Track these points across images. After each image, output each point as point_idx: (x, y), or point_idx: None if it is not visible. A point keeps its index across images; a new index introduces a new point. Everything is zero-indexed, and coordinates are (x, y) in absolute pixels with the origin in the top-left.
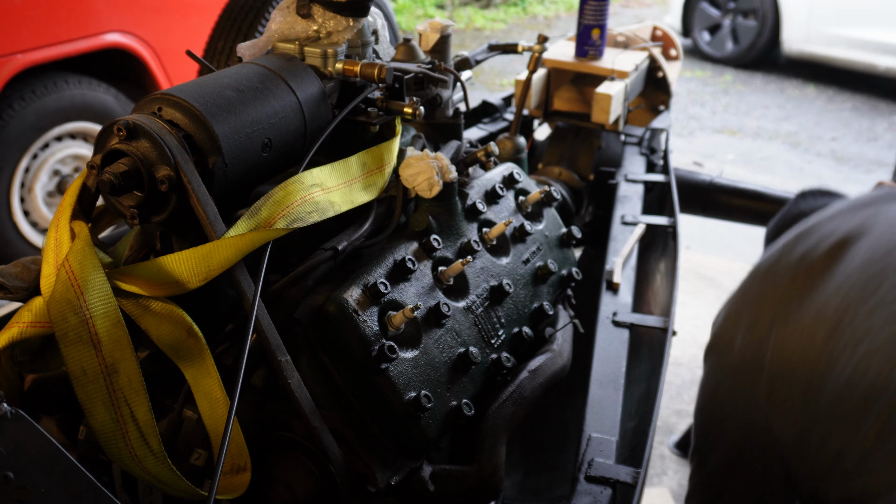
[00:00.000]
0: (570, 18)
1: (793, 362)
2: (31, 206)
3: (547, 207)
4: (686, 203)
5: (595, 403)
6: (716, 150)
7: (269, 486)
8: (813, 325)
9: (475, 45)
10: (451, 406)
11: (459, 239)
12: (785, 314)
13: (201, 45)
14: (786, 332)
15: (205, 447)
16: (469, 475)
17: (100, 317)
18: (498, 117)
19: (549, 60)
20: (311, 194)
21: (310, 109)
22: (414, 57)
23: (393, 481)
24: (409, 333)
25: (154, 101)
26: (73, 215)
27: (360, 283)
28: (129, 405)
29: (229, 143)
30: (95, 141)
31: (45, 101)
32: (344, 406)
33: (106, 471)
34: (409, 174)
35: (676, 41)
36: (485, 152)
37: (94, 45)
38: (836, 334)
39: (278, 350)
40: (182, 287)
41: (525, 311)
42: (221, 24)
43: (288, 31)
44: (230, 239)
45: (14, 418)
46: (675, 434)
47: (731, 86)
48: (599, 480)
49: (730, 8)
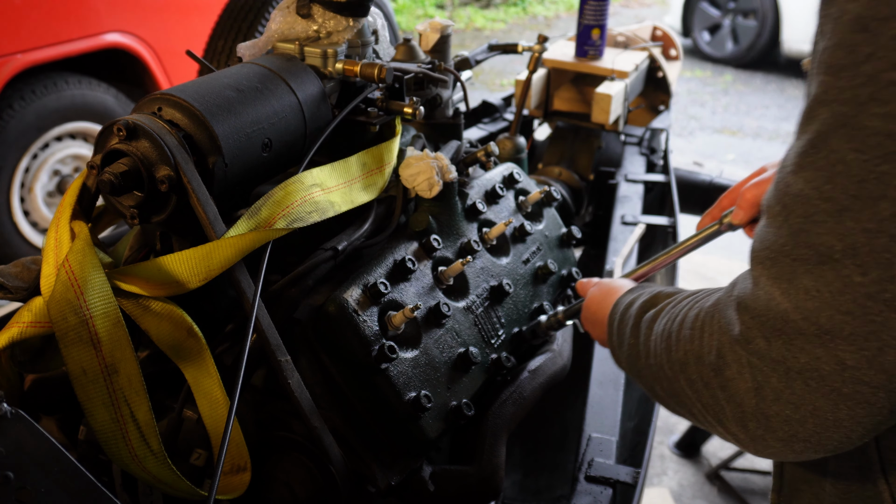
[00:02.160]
0: (570, 18)
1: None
2: (31, 206)
3: (547, 207)
4: (686, 203)
5: (595, 403)
6: (716, 150)
7: (269, 486)
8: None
9: (475, 45)
10: (451, 406)
11: (459, 239)
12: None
13: (201, 45)
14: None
15: (205, 447)
16: (469, 475)
17: (100, 317)
18: (498, 117)
19: (549, 60)
20: (311, 194)
21: (310, 109)
22: (414, 57)
23: (393, 481)
24: (409, 333)
25: (154, 101)
26: (73, 215)
27: (360, 283)
28: (129, 405)
29: (229, 143)
30: (95, 141)
31: (45, 101)
32: (344, 406)
33: (106, 471)
34: (409, 174)
35: (676, 41)
36: (485, 152)
37: (94, 45)
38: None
39: (278, 350)
40: (182, 287)
41: (525, 311)
42: (221, 24)
43: (288, 31)
44: (230, 239)
45: (14, 418)
46: (675, 434)
47: (731, 86)
48: (599, 480)
49: (730, 8)
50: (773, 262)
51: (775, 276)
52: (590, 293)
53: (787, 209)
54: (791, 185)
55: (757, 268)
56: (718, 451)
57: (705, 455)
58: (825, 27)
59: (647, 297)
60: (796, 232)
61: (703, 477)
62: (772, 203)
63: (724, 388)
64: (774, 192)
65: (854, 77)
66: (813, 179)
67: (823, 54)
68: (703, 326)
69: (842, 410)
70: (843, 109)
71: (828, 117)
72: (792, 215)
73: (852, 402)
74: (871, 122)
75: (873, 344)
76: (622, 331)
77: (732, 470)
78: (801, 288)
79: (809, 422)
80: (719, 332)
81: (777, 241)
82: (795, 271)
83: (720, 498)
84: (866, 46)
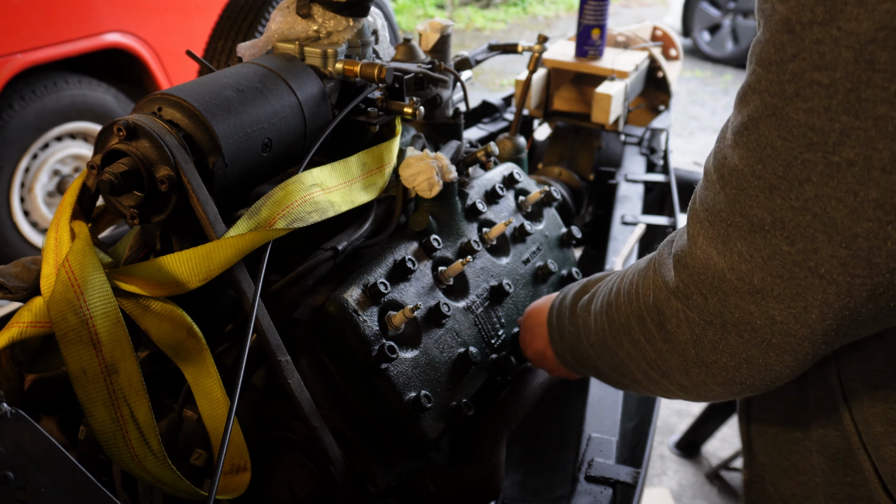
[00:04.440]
0: (570, 18)
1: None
2: (31, 206)
3: (547, 207)
4: (686, 203)
5: (595, 403)
6: None
7: (268, 486)
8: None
9: (475, 45)
10: (451, 406)
11: (459, 239)
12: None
13: (201, 45)
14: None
15: (205, 447)
16: (469, 475)
17: (100, 317)
18: (498, 117)
19: (549, 60)
20: (311, 194)
21: (310, 109)
22: (414, 57)
23: (393, 481)
24: (409, 333)
25: (154, 101)
26: (73, 215)
27: (360, 283)
28: (129, 405)
29: (229, 143)
30: (95, 141)
31: (45, 101)
32: (344, 406)
33: (106, 471)
34: (409, 174)
35: (676, 41)
36: (485, 152)
37: (94, 45)
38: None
39: (278, 350)
40: (182, 287)
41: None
42: (221, 24)
43: (288, 31)
44: (230, 239)
45: (14, 418)
46: (675, 434)
47: (731, 86)
48: (599, 480)
49: (730, 8)
50: (710, 223)
51: (711, 237)
52: (527, 310)
53: (724, 179)
54: (728, 158)
55: (695, 226)
56: (718, 451)
57: (705, 455)
58: (759, 21)
59: (578, 287)
60: (732, 201)
61: (703, 477)
62: (710, 169)
63: (667, 341)
64: (714, 160)
65: (781, 73)
66: (746, 157)
67: (756, 46)
68: (637, 288)
69: (772, 357)
70: (772, 101)
71: (759, 105)
72: (728, 186)
73: (781, 351)
74: (797, 115)
75: (799, 304)
76: (561, 323)
77: (732, 470)
78: (736, 251)
79: (744, 367)
80: (655, 288)
81: (714, 206)
82: (730, 235)
83: (720, 498)
84: (791, 47)
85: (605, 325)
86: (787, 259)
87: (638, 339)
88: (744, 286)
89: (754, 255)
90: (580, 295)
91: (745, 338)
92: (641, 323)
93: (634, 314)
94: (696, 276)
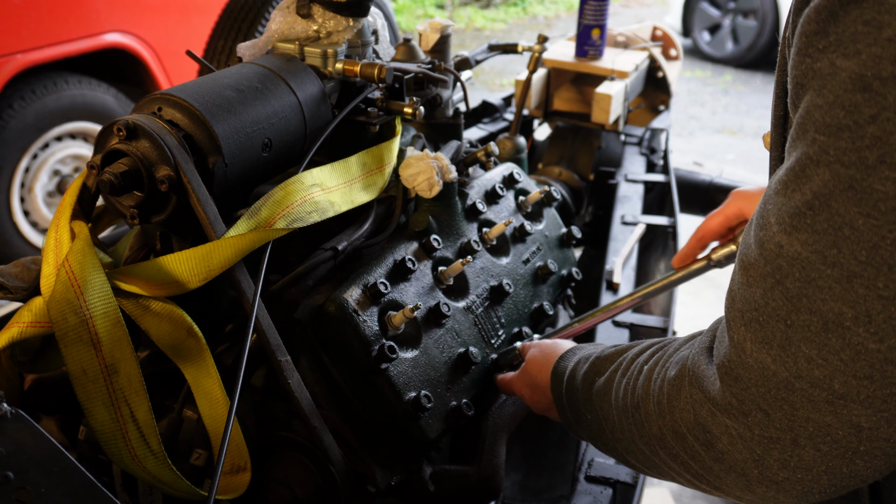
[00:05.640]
0: (570, 18)
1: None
2: (31, 206)
3: (547, 207)
4: (686, 203)
5: None
6: (716, 150)
7: (269, 486)
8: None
9: (475, 45)
10: (451, 406)
11: (459, 239)
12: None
13: (201, 45)
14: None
15: (205, 447)
16: (469, 475)
17: (100, 317)
18: (498, 117)
19: (549, 60)
20: (311, 194)
21: (310, 109)
22: (414, 57)
23: (393, 481)
24: (409, 333)
25: (154, 101)
26: (73, 215)
27: (360, 283)
28: (129, 405)
29: (229, 143)
30: (95, 141)
31: (45, 101)
32: (344, 406)
33: (106, 471)
34: (409, 174)
35: (676, 41)
36: (485, 152)
37: (94, 45)
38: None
39: (278, 350)
40: (182, 287)
41: (525, 311)
42: (221, 24)
43: (288, 31)
44: (230, 239)
45: (14, 418)
46: None
47: (731, 86)
48: (599, 480)
49: (730, 8)
50: (761, 325)
51: (764, 341)
52: (529, 355)
53: (781, 272)
54: (785, 248)
55: (740, 330)
56: None
57: None
58: (803, 84)
59: (588, 366)
60: (795, 297)
61: None
62: (758, 262)
63: (720, 461)
64: (760, 252)
65: (858, 138)
66: (813, 243)
67: (816, 112)
68: (671, 401)
69: (857, 465)
70: (847, 172)
71: (828, 179)
72: (788, 279)
73: (869, 457)
74: (882, 185)
75: (892, 406)
76: (574, 405)
77: None
78: (802, 356)
79: (824, 479)
80: (694, 403)
81: (767, 305)
82: (790, 338)
83: (720, 498)
84: (869, 107)
85: (632, 428)
86: (875, 357)
87: (678, 454)
88: (820, 394)
89: (829, 359)
90: (592, 376)
91: (823, 451)
92: (680, 439)
93: (669, 428)
94: (752, 390)
